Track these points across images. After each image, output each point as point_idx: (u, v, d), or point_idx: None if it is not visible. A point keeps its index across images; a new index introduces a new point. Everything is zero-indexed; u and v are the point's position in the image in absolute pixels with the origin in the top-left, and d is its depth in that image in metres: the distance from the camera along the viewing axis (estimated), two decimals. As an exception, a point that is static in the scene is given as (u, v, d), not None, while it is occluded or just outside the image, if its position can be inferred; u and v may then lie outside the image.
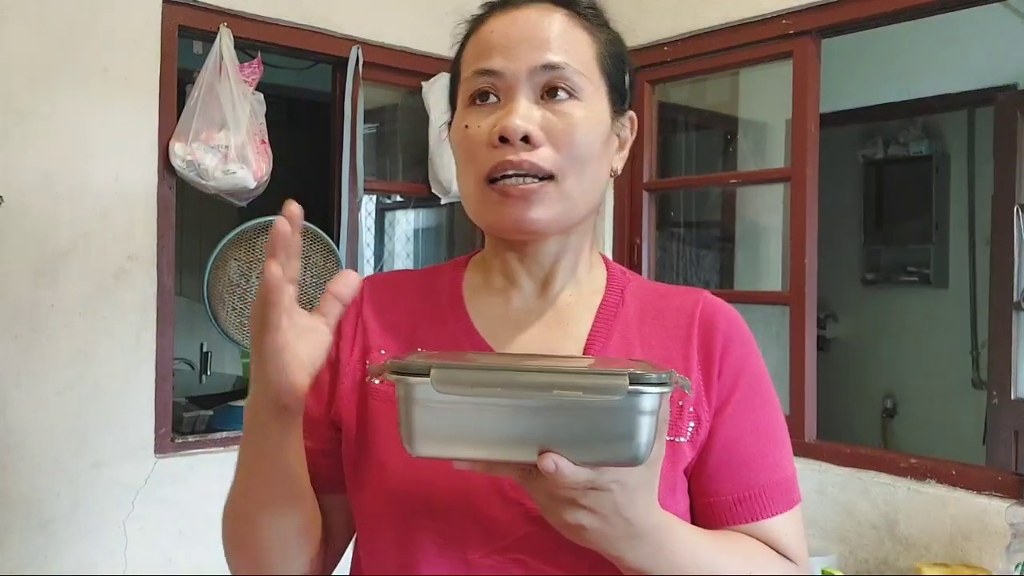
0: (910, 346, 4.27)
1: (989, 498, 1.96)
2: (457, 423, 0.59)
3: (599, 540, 0.64)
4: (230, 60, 2.20)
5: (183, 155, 2.12)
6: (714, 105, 3.14)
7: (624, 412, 0.57)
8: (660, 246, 2.97)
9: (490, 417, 0.58)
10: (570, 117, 0.78)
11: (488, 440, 0.59)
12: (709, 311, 0.84)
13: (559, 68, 0.78)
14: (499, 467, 0.61)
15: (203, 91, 2.16)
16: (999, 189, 3.20)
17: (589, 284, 0.87)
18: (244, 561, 0.82)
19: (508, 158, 0.76)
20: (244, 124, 2.18)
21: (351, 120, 2.52)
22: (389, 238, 3.83)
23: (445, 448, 0.60)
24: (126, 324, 2.12)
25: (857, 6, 2.23)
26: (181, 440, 2.23)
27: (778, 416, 0.84)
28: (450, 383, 0.58)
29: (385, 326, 0.86)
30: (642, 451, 0.58)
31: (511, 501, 0.75)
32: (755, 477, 0.80)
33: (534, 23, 0.79)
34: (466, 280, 0.90)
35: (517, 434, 0.58)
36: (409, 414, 0.59)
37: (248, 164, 2.17)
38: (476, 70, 0.80)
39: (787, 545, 0.80)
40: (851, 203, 4.42)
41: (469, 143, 0.80)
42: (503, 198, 0.77)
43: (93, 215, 2.07)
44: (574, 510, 0.62)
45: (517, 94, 0.78)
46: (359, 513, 0.83)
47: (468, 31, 0.85)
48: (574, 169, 0.78)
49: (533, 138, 0.76)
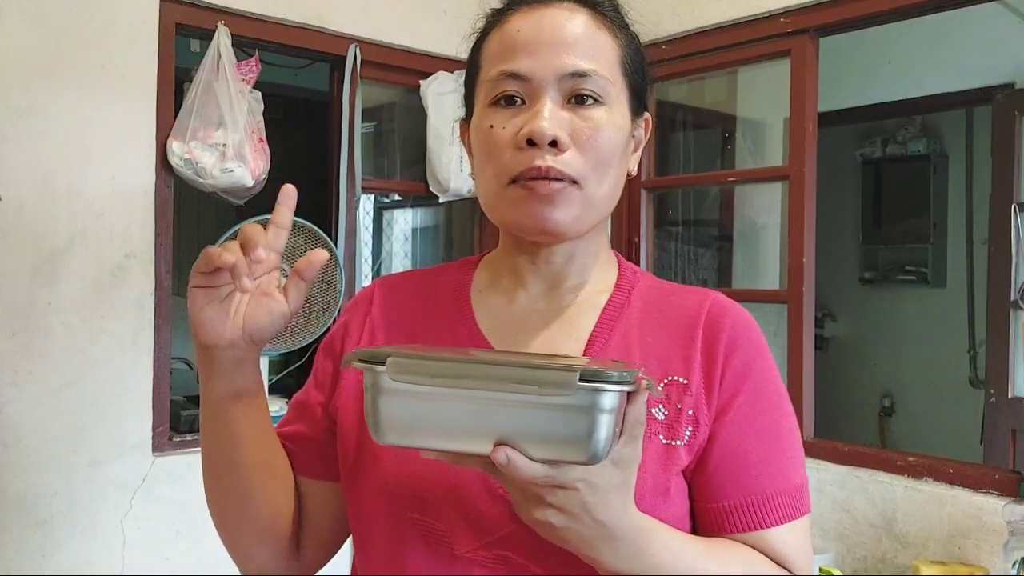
0: (908, 345, 4.27)
1: (986, 496, 1.96)
2: (417, 413, 0.59)
3: (572, 540, 0.64)
4: (228, 58, 2.20)
5: (180, 153, 2.12)
6: (712, 104, 3.14)
7: (579, 409, 0.57)
8: (658, 245, 2.97)
9: (448, 408, 0.58)
10: (596, 122, 0.78)
11: (448, 431, 0.59)
12: (716, 312, 0.82)
13: (586, 75, 0.77)
14: (467, 459, 0.61)
15: (201, 89, 2.15)
16: (997, 188, 3.21)
17: (598, 284, 0.87)
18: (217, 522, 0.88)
19: (536, 164, 0.76)
20: (242, 122, 2.17)
21: (349, 119, 2.52)
22: (387, 237, 3.83)
23: (408, 437, 0.60)
24: (124, 323, 2.12)
25: (855, 5, 2.23)
26: (179, 439, 2.22)
27: (787, 423, 0.81)
28: (405, 372, 0.59)
29: (391, 324, 0.87)
30: (600, 450, 0.57)
31: (499, 497, 0.74)
32: (758, 485, 0.77)
33: (560, 25, 0.79)
34: (475, 279, 0.90)
35: (475, 426, 0.58)
36: (374, 402, 0.60)
37: (246, 162, 2.17)
38: (502, 72, 0.79)
39: (787, 556, 0.77)
40: (849, 202, 4.43)
41: (493, 143, 0.79)
42: (527, 194, 0.77)
43: (90, 213, 2.07)
44: (542, 508, 0.62)
45: (544, 97, 0.77)
46: (354, 508, 0.83)
47: (489, 25, 0.84)
48: (597, 174, 0.78)
49: (560, 142, 0.76)
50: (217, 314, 0.73)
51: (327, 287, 2.35)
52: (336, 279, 2.37)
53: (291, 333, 2.31)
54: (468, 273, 0.90)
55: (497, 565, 0.74)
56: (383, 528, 0.79)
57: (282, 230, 0.76)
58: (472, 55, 0.86)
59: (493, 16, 0.84)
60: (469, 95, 0.87)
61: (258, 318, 0.74)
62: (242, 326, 0.74)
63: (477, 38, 0.86)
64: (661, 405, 0.78)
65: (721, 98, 3.11)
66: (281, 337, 2.30)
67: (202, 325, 0.73)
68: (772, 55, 2.44)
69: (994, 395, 3.19)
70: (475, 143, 0.83)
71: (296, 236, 2.30)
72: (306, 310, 2.32)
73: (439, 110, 2.64)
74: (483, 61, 0.83)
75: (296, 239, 2.30)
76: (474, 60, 0.85)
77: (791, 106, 2.38)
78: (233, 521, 0.85)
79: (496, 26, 0.83)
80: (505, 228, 0.84)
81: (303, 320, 2.32)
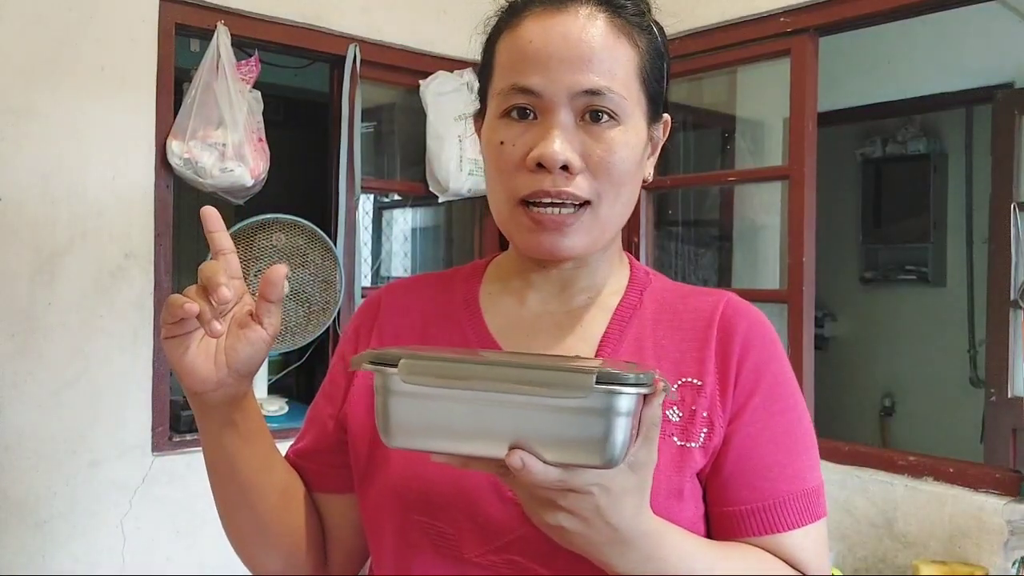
0: (908, 344, 4.27)
1: (987, 496, 1.96)
2: (429, 415, 0.58)
3: (583, 544, 0.62)
4: (227, 58, 2.20)
5: (180, 153, 2.12)
6: (712, 103, 3.14)
7: (595, 412, 0.55)
8: (658, 245, 2.97)
9: (460, 411, 0.57)
10: (610, 143, 0.75)
11: (460, 434, 0.58)
12: (730, 313, 0.81)
13: (600, 94, 0.74)
14: (476, 463, 0.59)
15: (200, 89, 2.15)
16: (997, 187, 3.21)
17: (610, 286, 0.85)
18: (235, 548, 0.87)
19: (544, 188, 0.74)
20: (241, 122, 2.17)
21: (348, 119, 2.52)
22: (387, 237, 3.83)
23: (419, 440, 0.59)
24: (123, 323, 2.12)
25: (855, 4, 2.23)
26: (178, 438, 2.22)
27: (803, 426, 0.80)
28: (417, 374, 0.57)
29: (399, 329, 0.87)
30: (616, 454, 0.56)
31: (508, 500, 0.73)
32: (773, 488, 0.76)
33: (575, 38, 0.75)
34: (484, 283, 0.89)
35: (488, 429, 0.57)
36: (384, 405, 0.59)
37: (245, 162, 2.17)
38: (513, 85, 0.76)
39: (803, 560, 0.76)
40: (849, 202, 4.42)
41: (504, 161, 0.77)
42: (536, 225, 0.75)
43: (90, 214, 2.07)
44: (553, 511, 0.60)
45: (556, 115, 0.74)
46: (366, 512, 0.83)
47: (503, 22, 0.81)
48: (610, 195, 0.76)
49: (572, 166, 0.74)
50: (198, 359, 0.71)
51: (327, 287, 2.35)
52: (336, 279, 2.37)
53: (291, 333, 2.31)
54: (477, 277, 0.90)
55: (505, 569, 0.74)
56: (392, 531, 0.79)
57: (230, 254, 0.73)
58: (485, 52, 0.83)
59: (506, 13, 0.81)
60: (483, 91, 0.84)
61: (240, 351, 0.72)
62: (226, 363, 0.72)
63: (490, 33, 0.83)
64: (675, 407, 0.77)
65: (721, 98, 3.11)
66: (281, 337, 2.30)
67: (187, 373, 0.71)
68: (772, 55, 2.44)
69: (994, 394, 3.18)
70: (486, 153, 0.81)
71: (296, 236, 2.30)
72: (306, 310, 2.32)
73: (439, 110, 2.64)
74: (495, 65, 0.81)
75: (296, 239, 2.30)
76: (487, 59, 0.83)
77: (791, 106, 2.38)
78: (253, 549, 0.85)
79: (509, 27, 0.79)
80: (515, 249, 0.84)
81: (303, 320, 2.32)
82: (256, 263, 2.24)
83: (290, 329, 2.30)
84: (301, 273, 2.30)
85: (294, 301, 2.30)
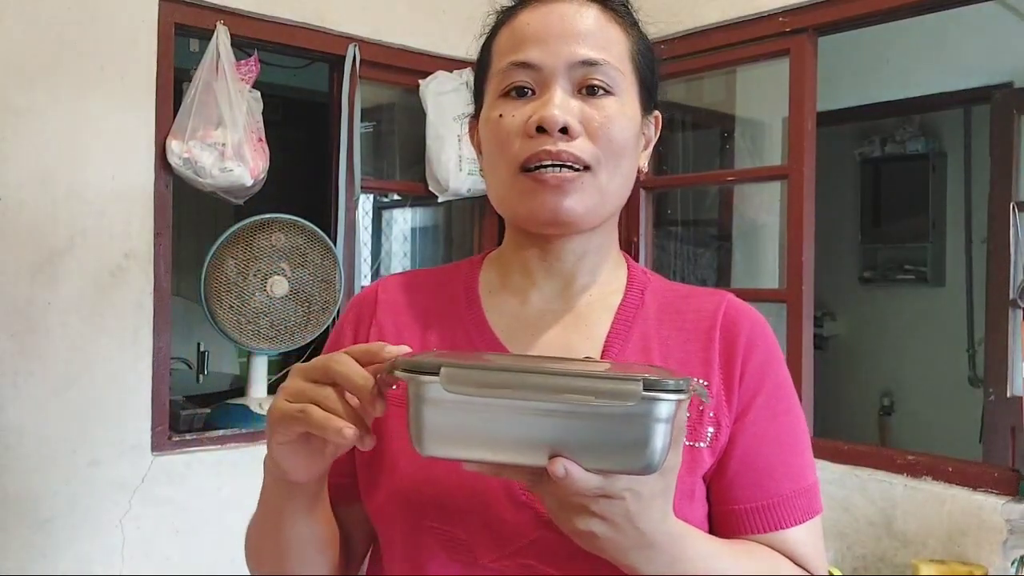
0: (907, 344, 4.28)
1: (986, 495, 1.96)
2: (467, 424, 0.57)
3: (610, 548, 0.62)
4: (227, 58, 2.20)
5: (180, 153, 2.12)
6: (711, 103, 3.14)
7: (638, 419, 0.55)
8: (658, 244, 2.97)
9: (501, 419, 0.57)
10: (607, 111, 0.77)
11: (498, 442, 0.57)
12: (732, 314, 0.82)
13: (597, 64, 0.77)
14: (508, 470, 0.59)
15: (200, 89, 2.15)
16: (995, 187, 3.21)
17: (609, 284, 0.86)
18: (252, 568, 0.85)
19: (546, 148, 0.75)
20: (241, 122, 2.18)
21: (348, 119, 2.52)
22: (386, 237, 3.83)
23: (454, 449, 0.58)
24: (123, 323, 2.12)
25: (854, 4, 2.23)
26: (178, 438, 2.22)
27: (800, 424, 0.82)
28: (460, 383, 0.57)
29: (399, 327, 0.86)
30: (656, 460, 0.56)
31: (522, 505, 0.73)
32: (775, 486, 0.78)
33: (570, 17, 0.79)
34: (482, 279, 0.88)
35: (528, 437, 0.57)
36: (419, 413, 0.58)
37: (245, 162, 2.17)
38: (512, 62, 0.78)
39: (805, 556, 0.78)
40: (848, 201, 4.43)
41: (503, 132, 0.78)
42: (538, 186, 0.76)
43: (90, 213, 2.07)
44: (585, 517, 0.60)
45: (554, 87, 0.77)
46: (373, 516, 0.82)
47: (499, 21, 0.84)
48: (610, 163, 0.78)
49: (571, 129, 0.75)
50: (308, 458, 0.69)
51: (326, 287, 2.35)
52: (335, 279, 2.37)
53: (290, 333, 2.31)
54: (475, 272, 0.89)
55: (519, 572, 0.74)
56: (402, 537, 0.78)
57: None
58: (482, 53, 0.85)
59: (503, 13, 0.84)
60: (478, 93, 0.86)
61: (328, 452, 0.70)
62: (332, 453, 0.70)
63: (487, 36, 0.85)
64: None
65: (720, 98, 3.11)
66: (281, 337, 2.30)
67: (294, 471, 0.69)
68: (771, 55, 2.44)
69: (993, 393, 3.19)
70: (484, 135, 0.82)
71: (295, 236, 2.31)
72: (305, 310, 2.33)
73: (438, 110, 2.64)
74: (493, 56, 0.82)
75: (295, 239, 2.30)
76: (484, 58, 0.85)
77: (790, 105, 2.38)
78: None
79: (506, 23, 0.82)
80: (516, 221, 0.83)
81: (302, 320, 2.33)
82: (256, 263, 2.25)
83: (289, 329, 2.30)
84: (301, 273, 2.30)
85: (294, 301, 2.30)
